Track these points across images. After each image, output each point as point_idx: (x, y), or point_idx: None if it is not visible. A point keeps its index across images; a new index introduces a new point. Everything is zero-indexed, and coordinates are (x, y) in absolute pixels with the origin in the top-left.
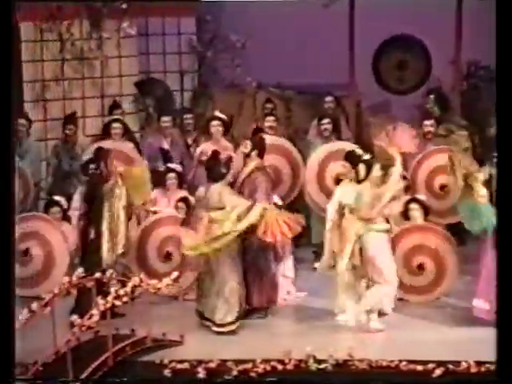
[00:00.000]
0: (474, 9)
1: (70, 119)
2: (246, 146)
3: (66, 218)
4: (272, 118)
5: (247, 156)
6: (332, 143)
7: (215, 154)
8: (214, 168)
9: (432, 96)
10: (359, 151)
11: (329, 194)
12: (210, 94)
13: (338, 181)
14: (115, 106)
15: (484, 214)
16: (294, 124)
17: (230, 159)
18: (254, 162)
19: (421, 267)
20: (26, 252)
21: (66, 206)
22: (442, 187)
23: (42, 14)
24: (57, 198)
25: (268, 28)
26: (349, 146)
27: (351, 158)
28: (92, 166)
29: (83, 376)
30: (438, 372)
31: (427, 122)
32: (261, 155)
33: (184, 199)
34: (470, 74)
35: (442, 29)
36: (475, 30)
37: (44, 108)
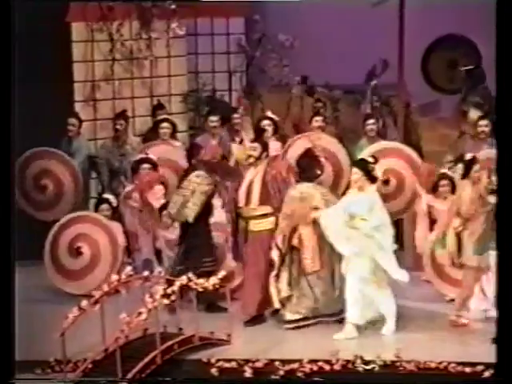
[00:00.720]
0: None
1: (120, 115)
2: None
3: (114, 215)
4: (320, 117)
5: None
6: (377, 143)
7: (309, 153)
8: (309, 168)
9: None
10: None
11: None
12: (257, 94)
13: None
14: (159, 106)
15: None
16: (342, 124)
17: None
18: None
19: None
20: (77, 250)
21: (115, 204)
22: None
23: (93, 15)
24: (107, 195)
25: (316, 28)
26: (396, 145)
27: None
28: (144, 165)
29: (131, 374)
30: (486, 374)
31: (482, 122)
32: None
33: None
34: None
35: (490, 27)
36: None
37: (94, 107)
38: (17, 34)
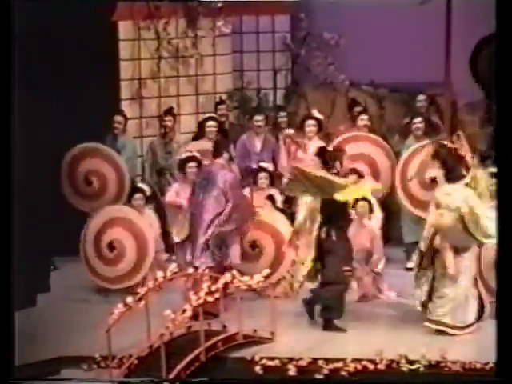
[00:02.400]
0: None
1: (168, 112)
2: None
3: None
4: (366, 116)
5: None
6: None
7: (456, 153)
8: (455, 168)
9: None
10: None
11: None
12: (302, 92)
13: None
14: (221, 102)
15: None
16: (387, 122)
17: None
18: None
19: None
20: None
21: (148, 194)
22: None
23: (140, 13)
24: (140, 185)
25: (362, 26)
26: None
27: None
28: (191, 164)
29: (176, 371)
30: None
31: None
32: None
33: (270, 197)
34: None
35: None
36: None
37: (140, 105)
38: (60, 33)
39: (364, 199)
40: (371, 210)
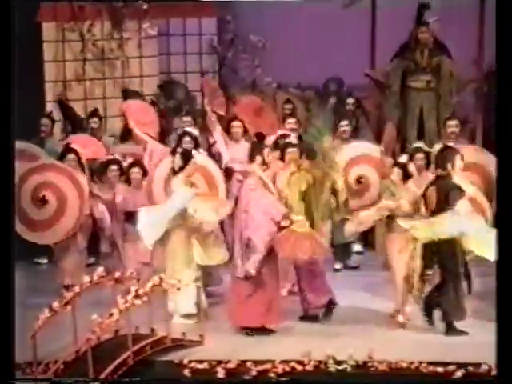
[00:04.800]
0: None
1: (94, 114)
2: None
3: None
4: (293, 119)
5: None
6: (354, 146)
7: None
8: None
9: None
10: None
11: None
12: (230, 95)
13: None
14: (152, 103)
15: None
16: (314, 124)
17: None
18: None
19: None
20: (43, 199)
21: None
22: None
23: (63, 14)
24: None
25: (288, 28)
26: (370, 148)
27: None
28: (112, 167)
29: (103, 375)
30: (458, 374)
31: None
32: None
33: None
34: (489, 74)
35: (464, 31)
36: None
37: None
38: None
39: None
40: None
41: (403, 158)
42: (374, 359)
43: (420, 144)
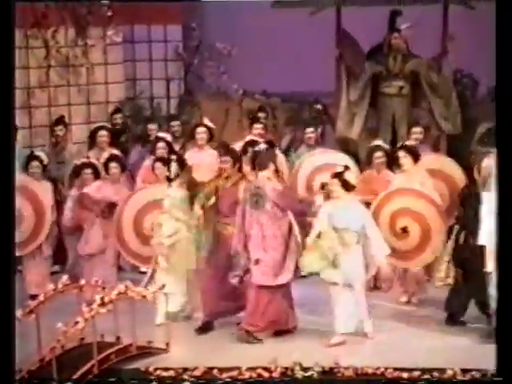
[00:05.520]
0: (458, 18)
1: (59, 122)
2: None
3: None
4: (260, 125)
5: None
6: (319, 154)
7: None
8: None
9: None
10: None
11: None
12: (195, 102)
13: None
14: (117, 111)
15: None
16: (280, 131)
17: None
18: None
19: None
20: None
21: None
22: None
23: (27, 21)
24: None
25: (254, 35)
26: (335, 157)
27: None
28: (86, 170)
29: None
30: (423, 380)
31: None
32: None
33: None
34: (456, 81)
35: (428, 38)
36: (460, 39)
37: (30, 115)
38: None
39: None
40: None
41: (339, 168)
42: (340, 365)
43: (379, 142)
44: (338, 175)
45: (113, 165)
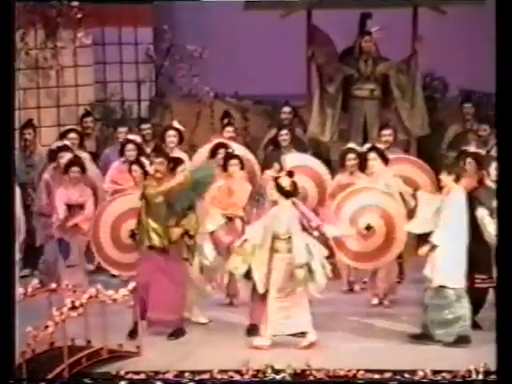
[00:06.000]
0: (428, 22)
1: (28, 125)
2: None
3: None
4: (231, 128)
5: None
6: (295, 156)
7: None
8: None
9: None
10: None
11: None
12: (167, 104)
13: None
14: (87, 114)
15: None
16: (251, 133)
17: None
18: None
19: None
20: None
21: None
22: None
23: None
24: None
25: (225, 38)
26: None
27: None
28: (61, 153)
29: None
30: (394, 381)
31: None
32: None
33: None
34: (426, 85)
35: (397, 41)
36: (431, 42)
37: None
38: None
39: None
40: None
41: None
42: (312, 367)
43: (352, 145)
44: (275, 180)
45: (74, 169)
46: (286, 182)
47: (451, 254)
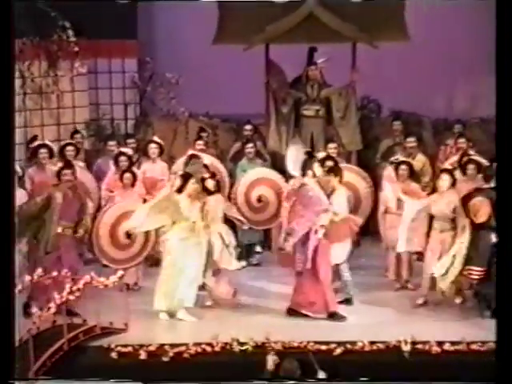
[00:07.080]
0: (365, 54)
1: (34, 140)
2: None
3: None
4: (201, 142)
5: None
6: (257, 170)
7: None
8: None
9: None
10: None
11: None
12: (149, 122)
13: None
14: (76, 132)
15: None
16: (220, 147)
17: None
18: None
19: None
20: None
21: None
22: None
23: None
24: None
25: (198, 67)
26: (269, 172)
27: None
28: (42, 150)
29: (42, 359)
30: (338, 351)
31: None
32: None
33: None
34: (363, 106)
35: (338, 70)
36: (367, 70)
37: None
38: None
39: None
40: None
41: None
42: (271, 340)
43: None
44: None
45: (67, 171)
46: (211, 184)
47: None
